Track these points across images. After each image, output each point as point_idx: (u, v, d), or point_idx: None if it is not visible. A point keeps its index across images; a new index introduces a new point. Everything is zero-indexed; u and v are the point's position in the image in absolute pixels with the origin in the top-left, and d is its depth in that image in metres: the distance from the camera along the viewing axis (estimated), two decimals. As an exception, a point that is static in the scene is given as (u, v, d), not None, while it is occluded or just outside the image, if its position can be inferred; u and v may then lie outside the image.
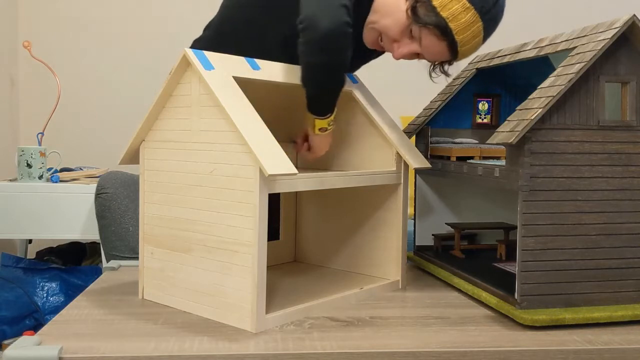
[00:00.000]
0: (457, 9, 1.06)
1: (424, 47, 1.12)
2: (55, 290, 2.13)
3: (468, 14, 1.06)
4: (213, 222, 0.91)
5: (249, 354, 0.78)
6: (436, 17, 1.06)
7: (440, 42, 1.09)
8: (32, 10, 2.74)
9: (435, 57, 1.15)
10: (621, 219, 0.94)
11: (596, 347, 0.82)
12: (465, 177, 1.09)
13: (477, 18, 1.07)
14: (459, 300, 1.05)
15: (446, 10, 1.06)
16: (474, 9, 1.06)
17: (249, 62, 1.02)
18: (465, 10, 1.06)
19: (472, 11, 1.06)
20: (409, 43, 1.14)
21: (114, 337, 0.83)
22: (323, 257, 1.26)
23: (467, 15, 1.06)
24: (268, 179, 0.85)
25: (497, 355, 0.81)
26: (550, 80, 0.94)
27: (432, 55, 1.14)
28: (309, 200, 1.29)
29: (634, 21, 0.91)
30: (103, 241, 1.72)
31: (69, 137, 2.71)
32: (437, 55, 1.14)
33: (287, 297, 1.01)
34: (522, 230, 0.91)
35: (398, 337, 0.85)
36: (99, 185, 1.75)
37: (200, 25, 1.42)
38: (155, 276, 1.00)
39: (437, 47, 1.11)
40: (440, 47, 1.11)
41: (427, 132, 1.30)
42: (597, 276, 0.93)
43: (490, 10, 1.08)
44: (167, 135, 0.98)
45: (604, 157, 0.93)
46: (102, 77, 2.78)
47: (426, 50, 1.13)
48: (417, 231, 1.35)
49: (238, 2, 1.32)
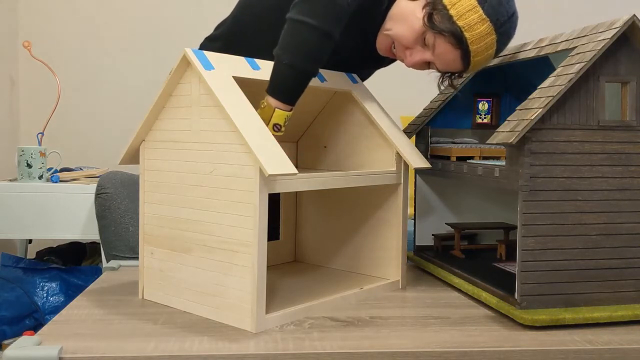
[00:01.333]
0: (473, 19, 1.06)
1: (437, 56, 1.12)
2: (55, 290, 2.13)
3: (484, 25, 1.06)
4: (213, 222, 0.91)
5: (249, 354, 0.78)
6: (452, 25, 1.06)
7: (454, 50, 1.09)
8: (32, 10, 2.74)
9: (447, 66, 1.14)
10: (621, 219, 0.94)
11: (596, 347, 0.82)
12: (465, 177, 1.09)
13: (492, 30, 1.07)
14: (459, 300, 1.05)
15: (462, 19, 1.06)
16: (489, 20, 1.06)
17: (249, 62, 1.02)
18: (482, 22, 1.06)
19: (487, 23, 1.06)
20: (422, 51, 1.13)
21: (114, 337, 0.83)
22: (323, 257, 1.26)
23: (482, 27, 1.06)
24: (268, 179, 0.85)
25: (497, 355, 0.81)
26: (550, 80, 0.94)
27: (444, 64, 1.14)
28: (309, 200, 1.29)
29: (634, 21, 0.91)
30: (103, 241, 1.72)
31: (69, 137, 2.71)
32: (450, 64, 1.13)
33: (287, 297, 1.01)
34: (522, 230, 0.91)
35: (398, 337, 0.85)
36: (99, 185, 1.75)
37: (201, 25, 1.42)
38: (155, 276, 1.00)
39: (451, 55, 1.10)
40: (454, 56, 1.10)
41: (427, 132, 1.30)
42: (597, 276, 0.93)
43: (504, 24, 1.09)
44: (167, 135, 0.98)
45: (604, 157, 0.93)
46: (102, 77, 2.78)
47: (439, 59, 1.12)
48: (417, 231, 1.35)
49: (251, 2, 1.33)
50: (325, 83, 1.12)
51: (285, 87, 1.01)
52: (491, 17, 1.07)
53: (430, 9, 1.08)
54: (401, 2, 1.16)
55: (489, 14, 1.06)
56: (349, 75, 1.20)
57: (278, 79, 1.01)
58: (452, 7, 1.06)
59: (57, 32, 2.75)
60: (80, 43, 2.77)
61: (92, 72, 2.78)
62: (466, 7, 1.06)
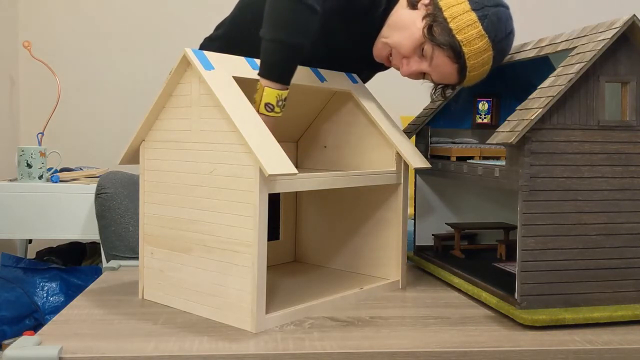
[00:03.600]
0: (472, 35, 1.06)
1: (434, 67, 1.12)
2: (55, 290, 2.13)
3: (482, 41, 1.07)
4: (213, 222, 0.91)
5: (249, 354, 0.78)
6: (451, 39, 1.06)
7: (452, 64, 1.09)
8: (32, 10, 2.74)
9: (443, 79, 1.14)
10: (621, 219, 0.94)
11: (596, 347, 0.82)
12: (465, 177, 1.09)
13: (489, 46, 1.08)
14: (459, 300, 1.05)
15: (462, 34, 1.06)
16: (487, 37, 1.07)
17: (249, 62, 1.02)
18: (480, 37, 1.06)
19: (485, 39, 1.07)
20: (419, 61, 1.14)
21: (114, 337, 0.82)
22: (323, 257, 1.26)
23: (480, 42, 1.06)
24: (268, 179, 0.85)
25: (497, 355, 0.81)
26: (550, 80, 0.94)
27: (440, 76, 1.14)
28: (309, 200, 1.29)
29: (634, 21, 0.91)
30: (103, 241, 1.72)
31: (69, 137, 2.71)
32: (446, 76, 1.13)
33: (287, 297, 1.01)
34: (522, 230, 0.91)
35: (398, 337, 0.85)
36: (99, 185, 1.75)
37: (201, 25, 1.42)
38: (155, 276, 1.00)
39: (448, 68, 1.10)
40: (450, 69, 1.10)
41: (427, 132, 1.30)
42: (597, 276, 0.93)
43: (502, 41, 1.09)
44: (167, 135, 0.98)
45: (604, 157, 0.93)
46: (102, 77, 2.78)
47: (435, 71, 1.12)
48: (417, 231, 1.35)
49: (251, 2, 1.33)
50: (325, 83, 1.12)
51: (273, 64, 0.99)
52: (490, 33, 1.07)
53: (431, 20, 1.08)
54: (401, 10, 1.16)
55: (488, 31, 1.07)
56: (349, 75, 1.20)
57: (264, 58, 0.99)
58: (452, 20, 1.06)
59: (57, 32, 2.75)
60: (80, 43, 2.77)
61: (92, 72, 2.78)
62: (466, 21, 1.06)
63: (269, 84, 0.99)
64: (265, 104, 1.00)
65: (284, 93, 1.00)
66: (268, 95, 0.99)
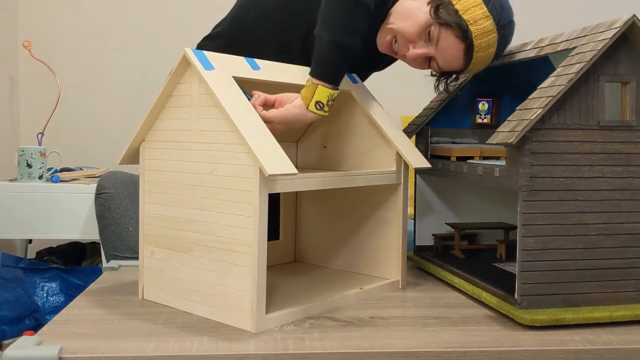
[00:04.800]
0: (478, 15, 1.08)
1: (440, 50, 1.12)
2: (55, 290, 2.13)
3: (487, 22, 1.08)
4: (213, 222, 0.91)
5: (249, 354, 0.78)
6: (458, 18, 1.08)
7: (459, 44, 1.09)
8: (32, 10, 2.74)
9: (449, 63, 1.14)
10: (621, 219, 0.94)
11: (596, 347, 0.82)
12: (465, 177, 1.09)
13: (494, 28, 1.09)
14: (459, 300, 1.05)
15: (468, 14, 1.08)
16: (492, 19, 1.08)
17: (249, 62, 1.02)
18: (485, 18, 1.08)
19: (490, 20, 1.08)
20: (425, 45, 1.13)
21: (114, 337, 0.83)
22: (323, 257, 1.26)
23: (486, 23, 1.08)
24: (268, 179, 0.85)
25: (497, 355, 0.80)
26: (550, 80, 0.94)
27: (446, 60, 1.13)
28: (309, 200, 1.29)
29: (634, 21, 0.91)
30: (103, 241, 1.72)
31: (69, 137, 2.71)
32: (452, 60, 1.13)
33: (287, 297, 1.01)
34: (522, 230, 0.91)
35: (398, 337, 0.85)
36: (99, 185, 1.75)
37: (201, 24, 1.42)
38: (155, 276, 1.00)
39: (454, 51, 1.10)
40: (457, 51, 1.10)
41: (427, 132, 1.30)
42: (597, 276, 0.93)
43: (505, 27, 1.11)
44: (167, 135, 0.98)
45: (604, 157, 0.93)
46: (102, 77, 2.78)
47: (441, 54, 1.12)
48: (417, 231, 1.35)
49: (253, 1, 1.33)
50: (325, 83, 1.12)
51: (329, 65, 1.03)
52: (494, 15, 1.09)
53: (437, 3, 1.10)
54: (405, 1, 1.16)
55: (492, 13, 1.09)
56: (349, 75, 1.20)
57: (321, 57, 1.03)
58: (458, 2, 1.08)
59: (57, 32, 2.75)
60: (80, 43, 2.77)
61: (92, 72, 2.78)
62: (471, 3, 1.08)
63: (323, 83, 1.03)
64: (316, 102, 1.03)
65: (335, 93, 1.05)
66: (320, 94, 1.03)
